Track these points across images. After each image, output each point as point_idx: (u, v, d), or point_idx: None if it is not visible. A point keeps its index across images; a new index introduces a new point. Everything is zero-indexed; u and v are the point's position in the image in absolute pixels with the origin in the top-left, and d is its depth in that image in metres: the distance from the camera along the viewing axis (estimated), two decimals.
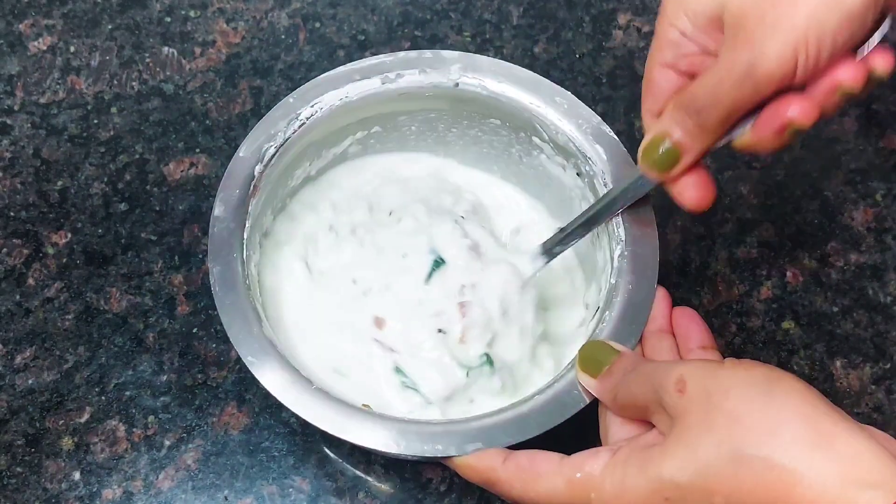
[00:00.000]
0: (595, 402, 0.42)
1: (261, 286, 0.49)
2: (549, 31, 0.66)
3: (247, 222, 0.46)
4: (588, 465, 0.37)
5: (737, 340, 0.55)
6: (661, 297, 0.45)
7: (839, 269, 0.58)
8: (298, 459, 0.51)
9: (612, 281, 0.46)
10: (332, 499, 0.50)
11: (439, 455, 0.41)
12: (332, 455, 0.51)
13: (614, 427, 0.40)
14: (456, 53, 0.51)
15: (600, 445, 0.40)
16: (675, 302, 0.56)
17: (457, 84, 0.51)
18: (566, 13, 0.67)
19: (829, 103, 0.39)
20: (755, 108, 0.40)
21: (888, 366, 0.55)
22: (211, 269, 0.45)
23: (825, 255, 0.58)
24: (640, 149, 0.42)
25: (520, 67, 0.51)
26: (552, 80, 0.51)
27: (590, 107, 0.50)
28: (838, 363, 0.55)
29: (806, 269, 0.58)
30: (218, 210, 0.46)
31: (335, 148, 0.53)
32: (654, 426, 0.38)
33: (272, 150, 0.48)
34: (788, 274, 0.58)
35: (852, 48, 0.38)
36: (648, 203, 0.47)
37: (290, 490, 0.50)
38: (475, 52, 0.53)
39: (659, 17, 0.43)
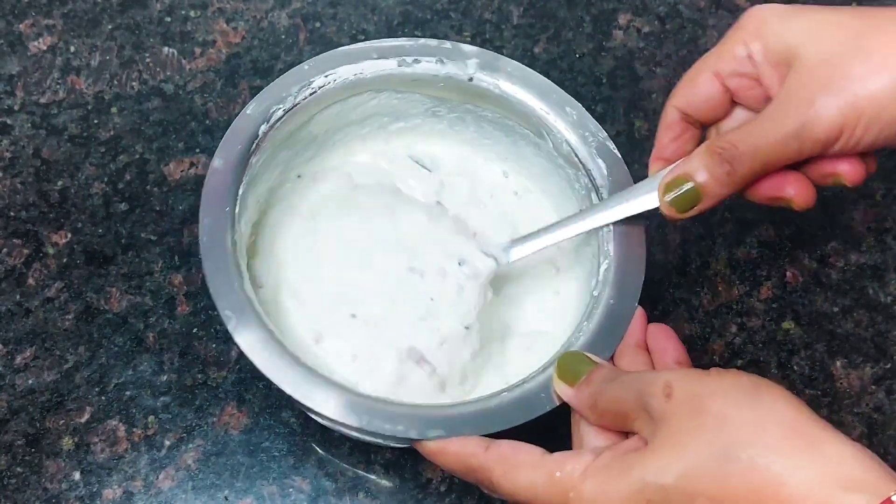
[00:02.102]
0: (563, 407, 0.42)
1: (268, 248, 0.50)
2: (550, 30, 0.66)
3: (244, 178, 0.46)
4: (570, 464, 0.37)
5: (737, 340, 0.55)
6: (639, 314, 0.45)
7: (839, 269, 0.58)
8: (298, 459, 0.51)
9: (595, 293, 0.46)
10: (332, 499, 0.50)
11: (399, 435, 0.40)
12: (332, 455, 0.51)
13: (589, 437, 0.40)
14: (476, 49, 0.51)
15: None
16: (675, 302, 0.56)
17: (471, 78, 0.51)
18: (566, 13, 0.66)
19: (817, 184, 0.42)
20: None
21: (888, 366, 0.55)
22: (201, 220, 0.44)
23: (825, 255, 0.58)
24: (663, 182, 0.43)
25: (536, 73, 0.51)
26: (552, 81, 0.51)
27: (589, 107, 0.50)
28: (839, 363, 0.55)
29: (806, 269, 0.58)
30: (217, 162, 0.46)
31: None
32: (633, 434, 0.38)
33: (280, 113, 0.48)
34: (788, 274, 0.57)
35: (886, 145, 0.40)
36: (641, 224, 0.47)
37: (291, 490, 0.50)
38: None
39: (733, 30, 0.44)
